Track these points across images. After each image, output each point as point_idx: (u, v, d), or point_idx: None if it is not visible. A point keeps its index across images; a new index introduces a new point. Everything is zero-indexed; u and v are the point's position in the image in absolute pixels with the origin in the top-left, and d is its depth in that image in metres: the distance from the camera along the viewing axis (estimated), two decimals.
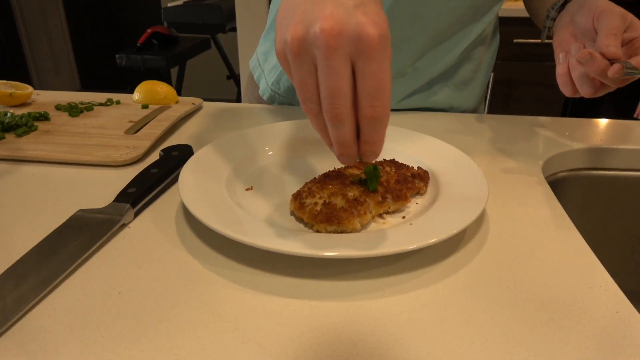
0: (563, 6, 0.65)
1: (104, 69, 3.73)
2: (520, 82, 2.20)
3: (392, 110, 0.77)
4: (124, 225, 0.46)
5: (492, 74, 2.16)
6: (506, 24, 2.09)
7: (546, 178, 0.58)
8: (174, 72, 3.35)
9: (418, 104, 0.79)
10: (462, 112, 0.82)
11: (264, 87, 0.84)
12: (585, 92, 0.54)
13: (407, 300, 0.37)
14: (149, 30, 2.76)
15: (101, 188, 0.53)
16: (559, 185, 0.67)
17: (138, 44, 2.73)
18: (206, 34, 2.91)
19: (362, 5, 0.33)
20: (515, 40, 2.10)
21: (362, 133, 0.37)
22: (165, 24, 2.83)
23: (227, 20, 2.68)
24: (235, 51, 2.30)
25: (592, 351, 0.32)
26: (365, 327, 0.35)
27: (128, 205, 0.47)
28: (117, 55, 2.65)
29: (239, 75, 2.53)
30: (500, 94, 2.21)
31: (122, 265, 0.41)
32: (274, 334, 0.34)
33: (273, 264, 0.41)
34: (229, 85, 3.21)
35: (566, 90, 0.56)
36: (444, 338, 0.33)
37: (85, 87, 3.86)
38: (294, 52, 0.34)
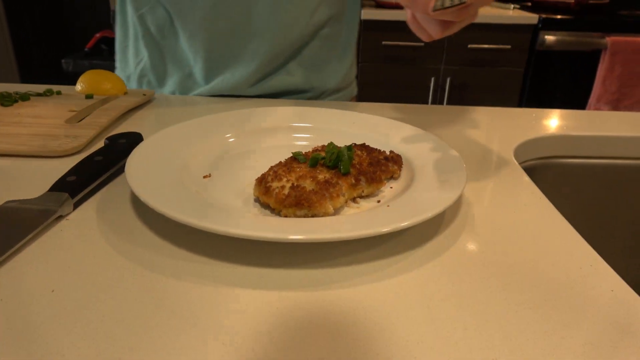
0: None
1: (49, 75, 3.54)
2: (475, 86, 2.24)
3: (252, 96, 0.77)
4: (61, 217, 0.40)
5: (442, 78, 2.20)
6: (461, 30, 2.13)
7: None
8: None
9: (277, 87, 0.78)
10: (323, 92, 0.83)
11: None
12: (433, 32, 0.48)
13: (390, 286, 0.33)
14: (97, 35, 2.64)
15: (37, 180, 0.47)
16: (529, 174, 0.65)
17: (86, 49, 2.61)
18: None
19: None
20: (469, 46, 2.14)
21: None
22: (114, 27, 2.72)
23: None
24: None
25: (593, 331, 0.30)
26: (344, 318, 0.30)
27: (66, 195, 0.41)
28: (63, 61, 2.51)
29: None
30: (456, 98, 2.24)
31: (57, 261, 0.35)
32: (239, 330, 0.29)
33: (236, 253, 0.36)
34: None
35: (421, 35, 0.51)
36: (435, 325, 0.30)
37: None
38: None
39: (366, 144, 0.50)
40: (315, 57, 0.80)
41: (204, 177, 0.46)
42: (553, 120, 0.70)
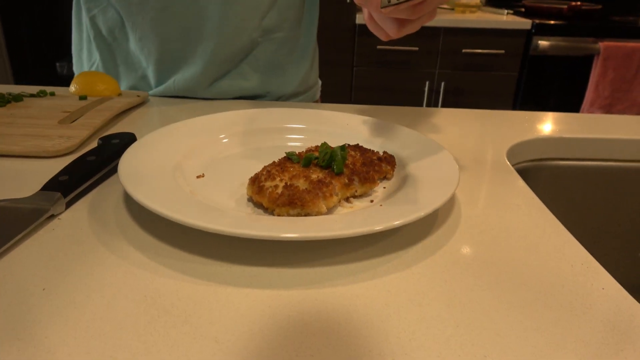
0: None
1: (43, 78, 3.52)
2: (469, 90, 2.25)
3: (206, 99, 0.77)
4: (53, 216, 0.40)
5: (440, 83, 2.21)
6: (454, 35, 2.14)
7: None
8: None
9: (231, 91, 0.78)
10: (279, 97, 0.82)
11: None
12: (390, 31, 0.48)
13: (382, 285, 0.33)
14: None
15: (30, 180, 0.46)
16: (521, 175, 0.65)
17: None
18: None
19: None
20: (463, 51, 2.16)
21: None
22: None
23: None
24: None
25: (584, 329, 0.30)
26: (337, 316, 0.30)
27: (58, 194, 0.40)
28: (57, 64, 2.51)
29: None
30: (451, 103, 2.26)
31: (48, 259, 0.35)
32: (231, 328, 0.29)
33: (228, 252, 0.36)
34: None
35: (379, 34, 0.50)
36: (427, 323, 0.30)
37: None
38: None
39: (359, 144, 0.50)
40: (270, 61, 0.79)
41: (198, 177, 0.46)
42: (546, 123, 0.71)
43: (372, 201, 0.43)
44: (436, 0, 0.42)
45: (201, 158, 0.50)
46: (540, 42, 2.09)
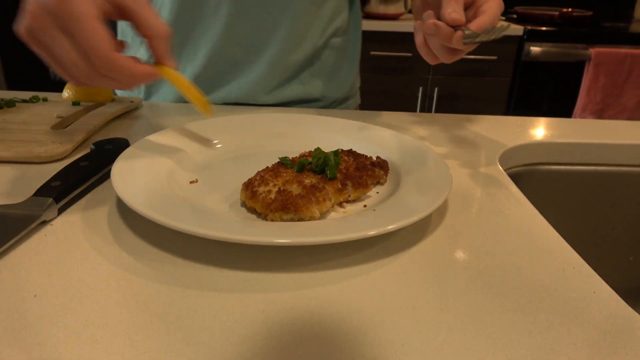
0: None
1: (37, 84, 3.51)
2: (462, 96, 2.26)
3: (269, 105, 0.78)
4: (45, 223, 0.40)
5: (437, 90, 2.22)
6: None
7: None
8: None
9: (291, 95, 0.79)
10: (333, 101, 0.85)
11: None
12: (444, 58, 0.52)
13: (375, 289, 0.33)
14: None
15: (22, 186, 0.46)
16: (514, 180, 0.66)
17: None
18: None
19: None
20: None
21: None
22: None
23: None
24: None
25: (575, 333, 0.30)
26: (331, 321, 0.30)
27: (50, 200, 0.40)
28: (51, 70, 2.50)
29: None
30: (444, 108, 2.27)
31: (40, 266, 0.35)
32: (224, 334, 0.29)
33: (221, 257, 0.36)
34: None
35: (428, 59, 0.54)
36: (419, 327, 0.30)
37: None
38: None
39: (352, 149, 0.50)
40: (327, 66, 0.81)
41: (191, 182, 0.46)
42: (538, 128, 0.71)
43: (365, 206, 0.43)
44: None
45: (194, 163, 0.50)
46: (532, 48, 2.11)
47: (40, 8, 0.38)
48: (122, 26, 0.81)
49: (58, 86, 0.72)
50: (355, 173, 0.44)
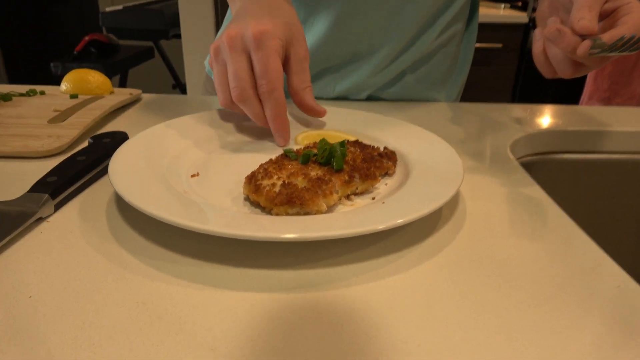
0: None
1: (37, 78, 3.49)
2: (468, 84, 2.23)
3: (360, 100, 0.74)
4: (41, 219, 0.38)
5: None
6: None
7: None
8: (114, 82, 3.18)
9: (409, 93, 0.75)
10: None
11: None
12: (562, 72, 0.47)
13: (387, 286, 0.32)
14: (86, 38, 2.60)
15: (18, 182, 0.44)
16: (526, 169, 0.64)
17: (75, 52, 2.57)
18: (148, 41, 2.78)
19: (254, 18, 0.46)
20: None
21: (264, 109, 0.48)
22: (104, 30, 2.69)
23: (170, 26, 2.57)
24: (180, 59, 2.19)
25: (601, 330, 0.28)
26: (338, 319, 0.29)
27: (46, 196, 0.39)
28: (52, 64, 2.48)
29: (185, 84, 2.43)
30: None
31: (35, 265, 0.33)
32: (228, 335, 0.27)
33: (224, 254, 0.34)
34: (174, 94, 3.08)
35: (544, 71, 0.49)
36: (434, 325, 0.28)
37: None
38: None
39: (359, 140, 0.48)
40: (432, 73, 0.75)
41: (192, 176, 0.44)
42: (549, 116, 0.69)
43: (373, 198, 0.41)
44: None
45: (195, 156, 0.48)
46: None
47: (238, 33, 0.46)
48: None
49: (59, 81, 0.70)
50: (362, 164, 0.42)
